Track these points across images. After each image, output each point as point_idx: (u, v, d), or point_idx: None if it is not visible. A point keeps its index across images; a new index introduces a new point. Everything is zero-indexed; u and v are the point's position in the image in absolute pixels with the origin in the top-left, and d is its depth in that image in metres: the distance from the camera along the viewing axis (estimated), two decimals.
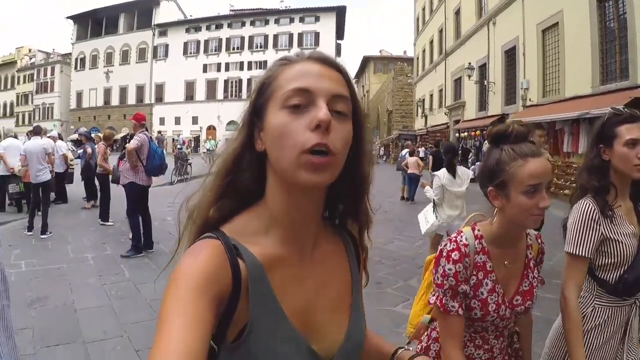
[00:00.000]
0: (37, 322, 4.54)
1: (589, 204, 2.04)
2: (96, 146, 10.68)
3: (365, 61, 65.21)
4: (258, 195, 0.95)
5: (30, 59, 74.83)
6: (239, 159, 0.94)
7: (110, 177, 9.26)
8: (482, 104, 23.48)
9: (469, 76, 23.60)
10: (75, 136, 25.88)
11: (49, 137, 11.29)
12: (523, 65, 18.47)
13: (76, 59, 66.60)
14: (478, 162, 20.67)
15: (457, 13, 28.25)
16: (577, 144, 13.02)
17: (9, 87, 75.69)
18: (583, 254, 2.01)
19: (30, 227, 8.45)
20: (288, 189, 0.90)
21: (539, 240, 1.82)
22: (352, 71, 1.18)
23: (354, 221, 1.09)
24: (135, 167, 7.33)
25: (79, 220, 10.19)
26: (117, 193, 8.43)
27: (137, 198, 7.45)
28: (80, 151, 12.46)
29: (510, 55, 19.79)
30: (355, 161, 0.96)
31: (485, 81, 22.54)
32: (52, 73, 70.08)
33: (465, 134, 25.61)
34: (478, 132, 23.20)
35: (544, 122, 14.27)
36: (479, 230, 1.66)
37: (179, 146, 25.24)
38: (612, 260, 2.04)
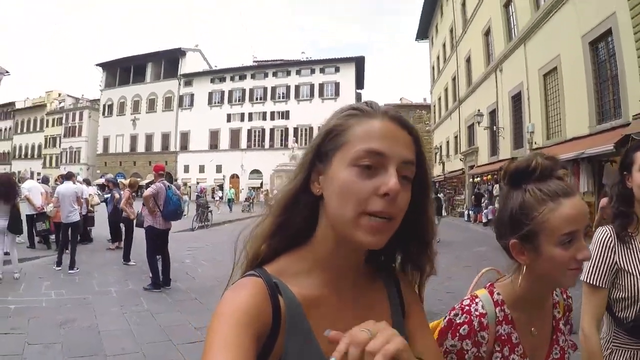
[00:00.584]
0: (66, 339, 5.25)
1: (606, 231, 1.97)
2: (122, 192, 11.64)
3: None
4: (306, 236, 0.98)
5: (60, 103, 76.04)
6: (296, 199, 0.96)
7: (135, 221, 10.09)
8: (494, 149, 24.04)
9: (479, 122, 24.31)
10: (101, 181, 26.96)
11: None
12: (528, 110, 19.03)
13: (104, 105, 67.82)
14: (491, 206, 21.17)
15: (468, 61, 29.13)
16: (578, 184, 13.46)
17: (37, 129, 76.68)
18: (599, 283, 1.90)
19: (59, 263, 9.24)
20: (339, 239, 0.91)
21: (565, 296, 1.49)
22: None
23: (415, 269, 1.09)
24: (153, 212, 8.06)
25: (104, 259, 10.92)
26: (140, 236, 9.03)
27: (155, 240, 8.17)
28: (107, 196, 13.38)
29: (517, 101, 20.43)
30: (421, 207, 0.99)
31: (495, 127, 23.14)
32: (81, 118, 71.09)
33: (479, 179, 26.12)
34: (489, 177, 23.71)
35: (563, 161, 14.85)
36: (498, 293, 1.34)
37: (197, 194, 26.13)
38: (627, 295, 1.89)
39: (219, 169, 59.94)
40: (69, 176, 10.09)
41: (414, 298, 1.10)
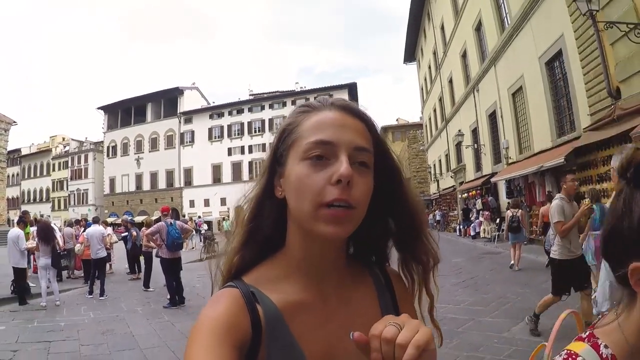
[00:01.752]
0: (109, 340, 6.93)
1: None
2: (141, 231, 13.49)
3: (384, 131, 66.76)
4: (279, 243, 0.96)
5: (65, 147, 77.38)
6: (261, 205, 0.95)
7: (153, 252, 11.69)
8: (478, 165, 25.37)
9: (460, 142, 25.88)
10: (118, 221, 29.32)
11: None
12: (502, 127, 20.25)
13: (108, 147, 69.13)
14: (478, 220, 22.57)
15: (451, 82, 30.63)
16: (544, 194, 14.81)
17: (44, 173, 77.95)
18: None
19: (90, 292, 10.96)
20: (306, 237, 0.90)
21: None
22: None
23: (414, 261, 1.03)
24: (159, 245, 9.89)
25: (127, 287, 12.64)
26: (157, 267, 10.77)
27: (168, 267, 9.80)
28: (125, 234, 15.08)
29: (493, 119, 21.73)
30: (397, 193, 0.98)
31: (476, 144, 24.49)
32: (86, 160, 72.17)
33: (466, 194, 27.50)
34: (474, 192, 25.31)
35: (520, 177, 16.34)
36: (606, 346, 0.89)
37: (195, 228, 28.09)
38: None
39: (223, 201, 60.24)
40: (96, 220, 12.42)
41: (407, 298, 1.06)
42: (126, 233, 14.78)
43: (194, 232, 26.74)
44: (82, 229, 14.92)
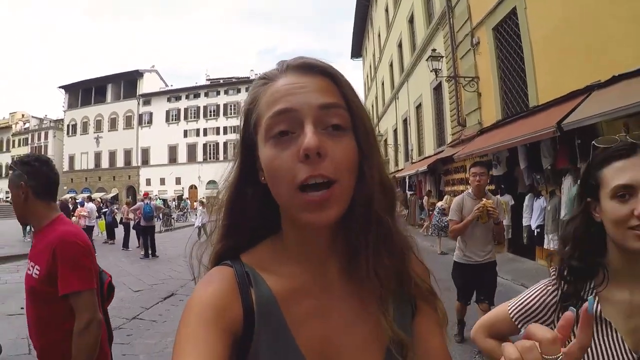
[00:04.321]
0: (113, 272, 11.28)
1: (554, 286, 1.37)
2: (122, 208, 18.34)
3: None
4: (277, 225, 0.90)
5: (24, 124, 77.33)
6: (240, 193, 0.88)
7: (131, 223, 16.41)
8: (396, 161, 28.94)
9: (380, 141, 29.84)
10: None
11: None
12: (410, 132, 24.13)
13: (68, 125, 69.84)
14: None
15: (383, 85, 33.87)
16: (425, 188, 19.46)
17: (4, 150, 77.54)
18: (512, 314, 1.44)
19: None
20: (295, 223, 0.83)
21: None
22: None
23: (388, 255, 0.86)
24: (138, 217, 14.89)
25: (108, 249, 17.17)
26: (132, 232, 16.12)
27: (143, 231, 14.89)
28: (105, 210, 19.68)
29: (405, 124, 25.41)
30: (357, 183, 0.81)
31: (395, 144, 28.33)
32: (46, 138, 72.56)
33: None
34: None
35: (419, 173, 20.79)
36: None
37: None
38: None
39: (178, 181, 63.64)
40: (91, 199, 16.94)
41: (427, 295, 0.93)
42: (107, 209, 19.16)
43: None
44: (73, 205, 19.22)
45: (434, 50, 15.60)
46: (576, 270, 1.31)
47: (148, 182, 64.80)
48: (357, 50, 48.11)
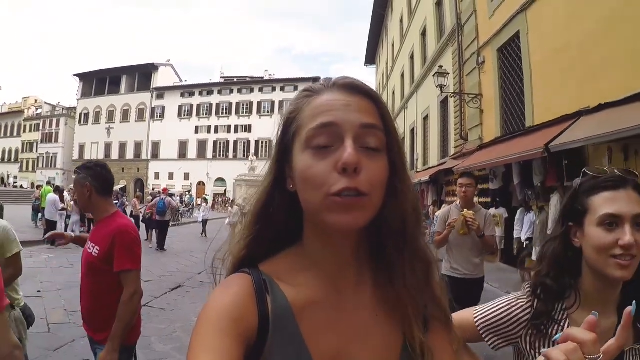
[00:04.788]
0: None
1: (523, 301, 1.44)
2: (132, 201, 19.09)
3: None
4: (297, 235, 0.93)
5: (37, 109, 77.34)
6: (269, 200, 0.91)
7: (141, 216, 17.18)
8: None
9: None
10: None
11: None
12: (417, 142, 24.66)
13: (80, 114, 71.23)
14: None
15: (394, 94, 34.45)
16: (428, 197, 19.90)
17: (15, 134, 77.95)
18: (477, 323, 1.48)
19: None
20: (321, 231, 0.86)
21: None
22: None
23: (390, 269, 0.91)
24: (154, 212, 15.50)
25: None
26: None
27: (155, 225, 15.55)
28: (116, 201, 20.23)
29: (413, 134, 25.88)
30: (391, 201, 0.85)
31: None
32: (57, 125, 73.63)
33: None
34: None
35: (422, 183, 21.27)
36: None
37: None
38: None
39: (186, 176, 63.92)
40: None
41: (442, 314, 0.96)
42: (117, 201, 19.76)
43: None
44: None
45: (440, 67, 16.33)
46: (549, 290, 1.38)
47: (157, 175, 65.38)
48: (371, 58, 48.03)
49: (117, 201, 20.56)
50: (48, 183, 27.33)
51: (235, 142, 64.03)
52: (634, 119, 6.42)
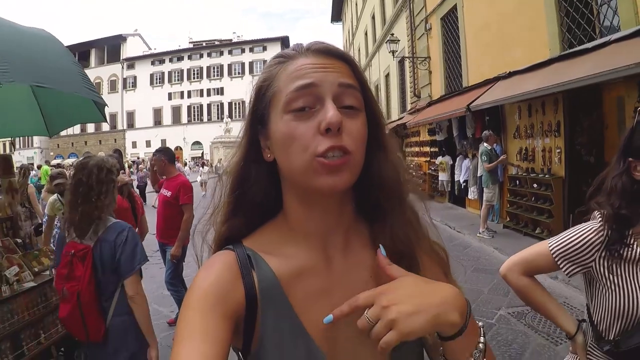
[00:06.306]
0: None
1: (600, 227, 1.55)
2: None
3: None
4: (276, 208, 0.93)
5: None
6: (244, 172, 0.90)
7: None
8: None
9: None
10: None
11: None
12: (380, 98, 24.27)
13: None
14: None
15: (359, 51, 34.99)
16: None
17: None
18: (553, 251, 1.61)
19: None
20: (303, 198, 0.86)
21: None
22: None
23: (379, 228, 0.92)
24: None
25: None
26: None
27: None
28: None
29: (377, 90, 26.57)
30: (374, 163, 0.88)
31: None
32: None
33: None
34: None
35: None
36: None
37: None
38: (609, 312, 1.54)
39: (163, 142, 62.03)
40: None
41: (439, 257, 0.98)
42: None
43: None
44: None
45: (392, 34, 18.28)
46: (623, 218, 1.49)
47: (134, 144, 65.80)
48: (337, 15, 47.81)
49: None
50: (47, 162, 28.65)
51: (209, 106, 64.84)
52: (532, 84, 8.26)
